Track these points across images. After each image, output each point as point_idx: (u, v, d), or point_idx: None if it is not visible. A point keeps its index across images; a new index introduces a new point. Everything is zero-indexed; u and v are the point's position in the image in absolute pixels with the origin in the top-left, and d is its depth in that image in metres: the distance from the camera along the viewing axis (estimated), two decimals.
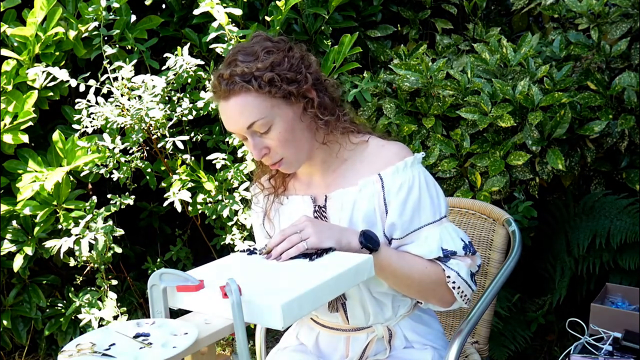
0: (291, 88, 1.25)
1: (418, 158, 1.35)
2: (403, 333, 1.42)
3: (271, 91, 1.23)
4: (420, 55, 2.63)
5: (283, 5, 2.45)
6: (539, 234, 2.58)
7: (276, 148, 1.28)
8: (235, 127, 1.26)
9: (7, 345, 2.86)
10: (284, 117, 1.26)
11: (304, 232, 1.22)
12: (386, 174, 1.32)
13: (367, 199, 1.32)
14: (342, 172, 1.37)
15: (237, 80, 1.22)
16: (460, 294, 1.33)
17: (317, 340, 1.47)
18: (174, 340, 0.99)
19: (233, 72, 1.22)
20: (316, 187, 1.40)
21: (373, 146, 1.37)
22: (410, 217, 1.31)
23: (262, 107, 1.23)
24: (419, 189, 1.31)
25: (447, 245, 1.31)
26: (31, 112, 2.46)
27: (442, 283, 1.31)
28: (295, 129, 1.28)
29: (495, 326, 2.41)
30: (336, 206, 1.35)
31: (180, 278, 1.08)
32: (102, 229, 2.40)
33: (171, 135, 2.44)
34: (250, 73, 1.22)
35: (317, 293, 1.06)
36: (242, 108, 1.23)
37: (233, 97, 1.23)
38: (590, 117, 2.34)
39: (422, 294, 1.35)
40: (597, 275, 2.47)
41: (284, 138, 1.26)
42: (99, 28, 2.51)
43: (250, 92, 1.22)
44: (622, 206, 2.44)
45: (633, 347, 2.02)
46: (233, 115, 1.25)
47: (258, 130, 1.25)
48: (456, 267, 1.31)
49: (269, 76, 1.22)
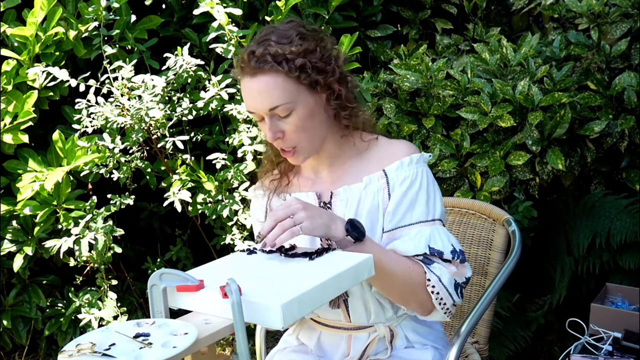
0: (319, 77, 1.25)
1: (425, 157, 1.36)
2: (404, 333, 1.42)
3: (300, 77, 1.23)
4: (420, 55, 2.63)
5: (283, 5, 2.45)
6: (539, 234, 2.58)
7: (292, 134, 1.27)
8: (258, 106, 1.25)
9: (7, 345, 2.86)
10: (306, 104, 1.26)
11: (297, 216, 1.20)
12: (390, 169, 1.33)
13: (371, 195, 1.33)
14: (349, 169, 1.37)
15: (268, 60, 1.22)
16: (439, 301, 1.29)
17: (319, 340, 1.47)
18: (174, 340, 0.99)
19: (266, 51, 1.22)
20: (322, 183, 1.40)
21: (381, 144, 1.38)
22: (404, 212, 1.31)
23: (289, 91, 1.23)
24: (419, 186, 1.31)
25: (435, 244, 1.29)
26: (31, 112, 2.46)
27: (422, 287, 1.29)
28: (315, 119, 1.28)
29: (495, 326, 2.41)
30: (341, 203, 1.35)
31: (180, 278, 1.08)
32: (102, 229, 2.40)
33: (171, 135, 2.44)
34: (283, 55, 1.22)
35: (318, 293, 1.06)
36: (268, 88, 1.23)
37: (261, 76, 1.23)
38: (590, 117, 2.34)
39: (403, 295, 1.31)
40: (597, 275, 2.47)
41: (302, 125, 1.26)
42: (99, 28, 2.51)
43: (279, 73, 1.22)
44: (622, 206, 2.44)
45: (633, 347, 2.01)
46: (258, 95, 1.24)
47: (279, 113, 1.25)
48: (438, 271, 1.28)
49: (301, 62, 1.22)
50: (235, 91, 2.48)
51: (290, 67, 1.22)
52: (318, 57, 1.25)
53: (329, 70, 1.27)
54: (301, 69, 1.23)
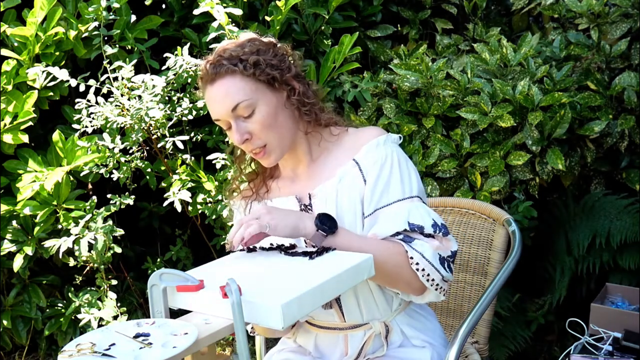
0: (275, 73, 1.29)
1: (393, 137, 1.37)
2: (400, 328, 1.42)
3: (255, 73, 1.27)
4: (420, 55, 2.63)
5: (283, 5, 2.45)
6: (539, 234, 2.58)
7: (259, 133, 1.30)
8: (221, 110, 1.29)
9: (7, 345, 2.86)
10: (267, 101, 1.29)
11: (261, 219, 1.22)
12: (360, 156, 1.34)
13: (347, 187, 1.34)
14: (324, 161, 1.39)
15: (224, 63, 1.27)
16: (427, 278, 1.28)
17: (316, 342, 1.47)
18: (174, 340, 0.99)
19: (220, 56, 1.28)
20: (300, 182, 1.41)
21: (350, 134, 1.40)
22: (380, 193, 1.32)
23: (247, 89, 1.27)
24: (391, 166, 1.32)
25: (415, 220, 1.28)
26: (31, 112, 2.46)
27: (406, 265, 1.28)
28: (278, 115, 1.31)
29: (495, 326, 2.41)
30: (320, 202, 1.35)
31: (180, 278, 1.08)
32: (102, 229, 2.40)
33: (171, 135, 2.44)
34: (237, 57, 1.28)
35: (317, 293, 1.06)
36: (227, 90, 1.27)
37: (220, 80, 1.28)
38: (590, 117, 2.34)
39: (388, 278, 1.31)
40: (597, 275, 2.47)
41: (267, 122, 1.29)
42: (99, 28, 2.51)
43: (235, 74, 1.27)
44: (622, 206, 2.44)
45: (633, 347, 2.02)
46: (218, 98, 1.29)
47: (242, 114, 1.28)
48: (420, 247, 1.27)
49: (254, 59, 1.27)
50: None
51: (245, 66, 1.27)
52: (271, 55, 1.31)
53: (283, 67, 1.32)
54: (255, 65, 1.27)
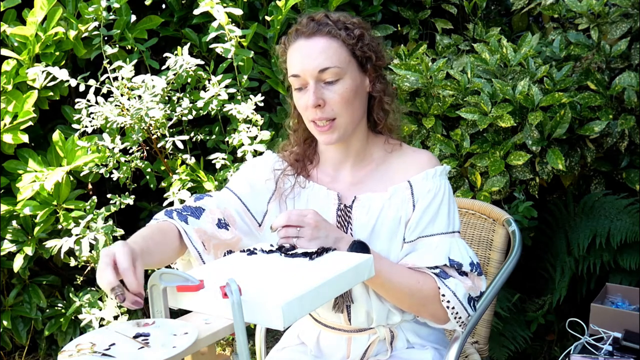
0: (372, 54, 1.28)
1: (446, 169, 1.37)
2: (405, 335, 1.42)
3: (355, 47, 1.26)
4: (420, 55, 2.63)
5: (283, 5, 2.45)
6: (539, 234, 2.58)
7: (334, 104, 1.26)
8: (309, 66, 1.25)
9: (7, 345, 2.86)
10: (353, 78, 1.28)
11: (302, 231, 1.22)
12: (416, 181, 1.33)
13: (395, 207, 1.32)
14: (372, 173, 1.37)
15: (329, 23, 1.25)
16: (455, 315, 1.30)
17: (319, 340, 1.47)
18: (174, 340, 0.99)
19: (327, 17, 1.27)
20: (342, 183, 1.38)
21: (405, 153, 1.38)
22: (427, 223, 1.31)
23: (342, 57, 1.25)
24: (442, 199, 1.32)
25: (455, 256, 1.29)
26: (31, 112, 2.46)
27: (435, 300, 1.29)
28: (357, 96, 1.29)
29: (495, 326, 2.41)
30: (362, 209, 1.34)
31: (180, 278, 1.08)
32: (102, 228, 2.40)
33: (171, 135, 2.44)
34: (344, 23, 1.26)
35: (318, 293, 1.06)
36: (324, 49, 1.25)
37: (319, 37, 1.25)
38: (590, 117, 2.34)
39: (414, 308, 1.33)
40: (597, 275, 2.47)
41: (346, 97, 1.26)
42: (99, 28, 2.52)
43: (336, 39, 1.25)
44: (622, 206, 2.44)
45: (633, 347, 2.02)
46: (312, 53, 1.25)
47: (326, 78, 1.25)
48: (454, 286, 1.29)
49: (359, 32, 1.27)
50: (235, 91, 2.48)
51: (348, 35, 1.25)
52: (370, 39, 1.29)
53: (379, 55, 1.31)
54: (359, 39, 1.26)
